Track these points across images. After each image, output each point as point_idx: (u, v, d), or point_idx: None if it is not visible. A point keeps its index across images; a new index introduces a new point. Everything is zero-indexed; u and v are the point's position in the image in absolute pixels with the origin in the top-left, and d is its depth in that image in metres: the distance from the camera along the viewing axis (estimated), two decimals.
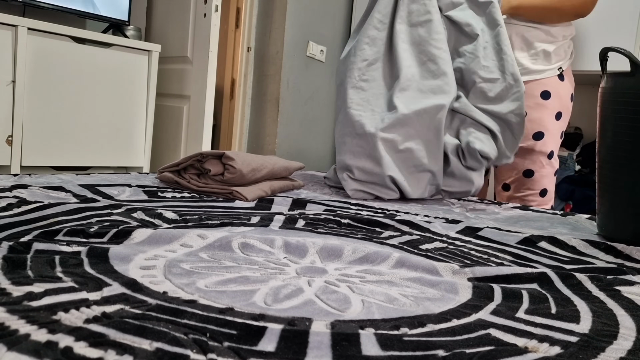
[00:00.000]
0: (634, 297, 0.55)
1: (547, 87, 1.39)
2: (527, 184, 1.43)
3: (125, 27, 2.58)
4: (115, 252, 0.54)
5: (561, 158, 2.60)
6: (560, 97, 1.41)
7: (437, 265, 0.60)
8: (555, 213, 1.13)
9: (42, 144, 2.20)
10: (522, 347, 0.40)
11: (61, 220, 0.68)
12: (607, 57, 0.87)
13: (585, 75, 2.43)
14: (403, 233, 0.81)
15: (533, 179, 1.42)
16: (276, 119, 3.13)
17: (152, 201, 0.90)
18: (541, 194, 1.43)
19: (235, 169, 1.00)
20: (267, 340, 0.37)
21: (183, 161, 1.07)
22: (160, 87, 2.66)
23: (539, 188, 1.43)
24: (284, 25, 3.06)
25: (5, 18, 2.03)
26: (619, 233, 0.85)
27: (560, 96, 1.41)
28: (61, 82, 2.24)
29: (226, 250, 0.61)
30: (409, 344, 0.39)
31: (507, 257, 0.70)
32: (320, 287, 0.51)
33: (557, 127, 1.42)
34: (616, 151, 0.84)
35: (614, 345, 0.42)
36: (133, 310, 0.40)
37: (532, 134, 1.40)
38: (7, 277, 0.45)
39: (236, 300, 0.45)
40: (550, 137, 1.41)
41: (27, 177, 1.03)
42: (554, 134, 1.41)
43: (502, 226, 0.92)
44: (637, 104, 0.80)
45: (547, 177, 1.43)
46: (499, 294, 0.53)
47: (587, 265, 0.68)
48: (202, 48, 2.56)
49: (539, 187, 1.43)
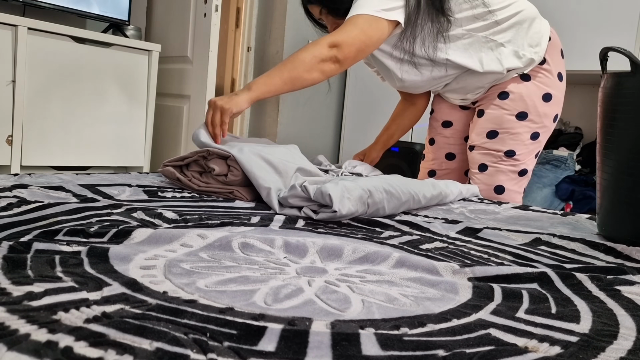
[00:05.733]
0: (634, 297, 0.55)
1: (505, 89, 1.42)
2: (482, 179, 1.46)
3: (125, 26, 2.58)
4: (115, 252, 0.55)
5: (561, 158, 2.60)
6: (522, 97, 1.40)
7: (437, 265, 0.60)
8: (555, 213, 1.14)
9: (42, 144, 2.20)
10: (522, 347, 0.40)
11: (61, 220, 0.68)
12: (607, 57, 0.87)
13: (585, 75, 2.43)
14: (403, 233, 0.81)
15: (487, 173, 1.45)
16: (276, 119, 3.13)
17: (152, 201, 0.90)
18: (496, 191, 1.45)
19: (239, 172, 1.00)
20: (267, 340, 0.37)
21: (188, 156, 1.07)
22: (160, 87, 2.66)
23: (493, 184, 1.45)
24: (284, 25, 3.06)
25: (5, 18, 2.03)
26: (619, 233, 0.85)
27: (523, 96, 1.40)
28: (61, 82, 2.24)
29: (226, 250, 0.61)
30: (409, 343, 0.39)
31: (507, 257, 0.70)
32: (320, 287, 0.51)
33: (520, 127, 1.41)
34: (616, 151, 0.84)
35: (614, 345, 0.42)
36: (133, 310, 0.40)
37: (486, 132, 1.44)
38: (7, 276, 0.45)
39: (236, 300, 0.45)
40: (507, 136, 1.41)
41: (27, 177, 1.03)
42: (513, 133, 1.41)
43: (502, 226, 0.92)
44: (637, 103, 0.80)
45: (505, 174, 1.44)
46: (499, 294, 0.53)
47: (587, 265, 0.68)
48: (202, 48, 2.56)
49: (494, 182, 1.45)
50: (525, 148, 1.43)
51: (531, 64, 1.39)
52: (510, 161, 1.43)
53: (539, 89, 1.41)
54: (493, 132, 1.43)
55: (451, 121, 1.60)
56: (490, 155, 1.44)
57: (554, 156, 2.59)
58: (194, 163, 1.07)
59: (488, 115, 1.44)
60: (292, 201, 0.90)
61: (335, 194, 0.83)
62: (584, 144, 2.73)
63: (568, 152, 2.63)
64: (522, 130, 1.41)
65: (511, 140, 1.42)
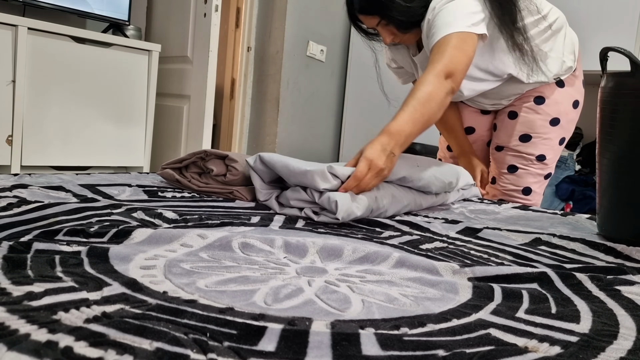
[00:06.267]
0: (634, 297, 0.55)
1: (542, 93, 1.41)
2: (511, 180, 1.46)
3: (125, 26, 2.58)
4: (116, 252, 0.55)
5: (561, 158, 2.60)
6: (556, 103, 1.41)
7: (437, 265, 0.60)
8: (555, 213, 1.14)
9: (42, 144, 2.20)
10: (522, 347, 0.40)
11: (61, 220, 0.68)
12: (607, 57, 0.87)
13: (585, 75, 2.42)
14: (403, 233, 0.81)
15: (517, 174, 1.45)
16: (276, 119, 3.13)
17: (152, 201, 0.90)
18: (524, 192, 1.46)
19: (237, 171, 1.00)
20: (267, 340, 0.37)
21: (186, 157, 1.07)
22: (160, 87, 2.66)
23: (522, 185, 1.45)
24: (284, 25, 3.06)
25: (5, 18, 2.03)
26: (619, 233, 0.85)
27: (557, 102, 1.41)
28: (61, 82, 2.23)
29: (226, 250, 0.61)
30: (409, 343, 0.39)
31: (507, 257, 0.70)
32: (321, 287, 0.51)
33: (552, 132, 1.42)
34: (616, 151, 0.84)
35: (614, 345, 0.42)
36: (133, 310, 0.40)
37: (519, 135, 1.43)
38: (7, 276, 0.45)
39: (236, 300, 0.45)
40: (540, 140, 1.42)
41: (27, 176, 1.03)
42: (545, 138, 1.43)
43: (502, 226, 0.92)
44: (637, 103, 0.80)
45: (533, 177, 1.45)
46: (499, 294, 0.53)
47: (587, 265, 0.68)
48: (202, 48, 2.56)
49: (523, 184, 1.45)
50: (554, 153, 1.45)
51: (569, 71, 1.42)
52: (540, 165, 1.44)
53: (570, 96, 1.43)
54: (526, 135, 1.43)
55: (474, 127, 1.59)
56: (522, 158, 1.45)
57: None
58: (193, 164, 1.07)
59: (522, 118, 1.43)
60: (294, 203, 0.90)
61: (341, 202, 0.82)
62: (584, 144, 2.73)
63: (568, 152, 2.63)
64: (553, 135, 1.43)
65: (543, 145, 1.43)
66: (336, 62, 3.50)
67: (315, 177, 0.86)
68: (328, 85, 3.46)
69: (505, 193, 1.47)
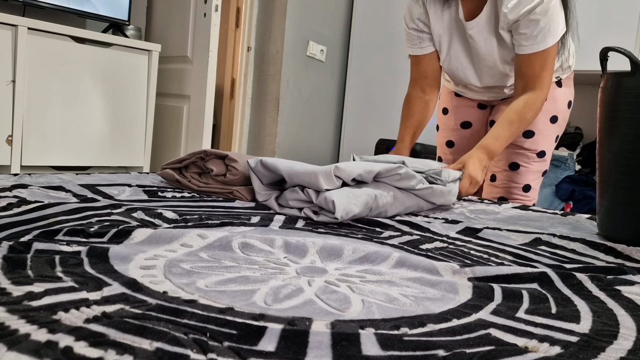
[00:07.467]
0: (634, 297, 0.55)
1: None
2: (512, 177, 1.48)
3: (125, 26, 2.58)
4: (115, 252, 0.54)
5: (561, 158, 2.60)
6: (555, 101, 1.44)
7: (437, 265, 0.60)
8: (555, 213, 1.14)
9: (42, 144, 2.20)
10: (522, 347, 0.40)
11: (61, 220, 0.68)
12: (607, 57, 0.87)
13: (585, 75, 2.43)
14: (403, 233, 0.81)
15: (518, 172, 1.47)
16: (276, 119, 3.13)
17: (152, 201, 0.90)
18: (524, 189, 1.48)
19: (237, 171, 1.00)
20: (267, 340, 0.37)
21: (186, 157, 1.07)
22: (160, 86, 2.66)
23: (522, 182, 1.47)
24: (284, 25, 3.06)
25: (5, 18, 2.03)
26: (619, 233, 0.85)
27: (556, 100, 1.44)
28: (61, 82, 2.23)
29: (226, 250, 0.61)
30: (409, 343, 0.39)
31: (507, 257, 0.70)
32: (321, 287, 0.51)
33: (551, 129, 1.46)
34: (616, 151, 0.84)
35: (614, 345, 0.42)
36: (133, 310, 0.40)
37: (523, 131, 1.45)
38: (7, 276, 0.45)
39: (236, 300, 0.45)
40: (541, 137, 1.45)
41: (27, 176, 1.03)
42: (545, 135, 1.45)
43: (502, 226, 0.92)
44: (637, 103, 0.80)
45: (533, 174, 1.48)
46: (499, 294, 0.53)
47: (587, 265, 0.68)
48: (202, 48, 2.56)
49: (523, 181, 1.47)
50: (551, 149, 1.49)
51: (568, 70, 1.45)
52: (539, 161, 1.47)
53: (566, 96, 1.47)
54: (529, 131, 1.45)
55: (470, 121, 1.59)
56: (524, 155, 1.47)
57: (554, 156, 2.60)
58: (193, 164, 1.07)
59: None
60: (292, 203, 0.89)
61: (339, 202, 0.82)
62: (584, 144, 2.73)
63: (568, 152, 2.63)
64: (551, 132, 1.46)
65: (543, 142, 1.46)
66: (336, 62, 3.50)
67: (320, 176, 0.86)
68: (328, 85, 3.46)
69: (506, 190, 1.50)
